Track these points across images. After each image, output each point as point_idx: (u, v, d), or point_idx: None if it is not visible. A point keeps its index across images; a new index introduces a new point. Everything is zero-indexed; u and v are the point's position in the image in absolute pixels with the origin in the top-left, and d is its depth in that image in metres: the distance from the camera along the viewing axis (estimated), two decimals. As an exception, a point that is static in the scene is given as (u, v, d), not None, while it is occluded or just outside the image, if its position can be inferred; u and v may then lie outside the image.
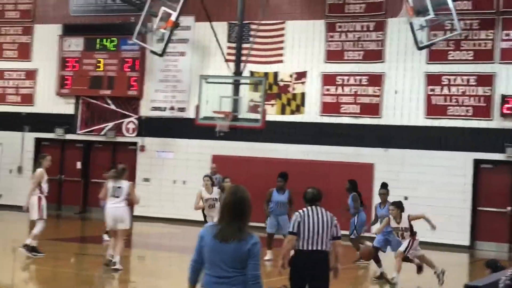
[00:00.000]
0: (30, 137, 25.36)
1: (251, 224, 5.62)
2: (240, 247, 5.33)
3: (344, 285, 12.24)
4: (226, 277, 5.33)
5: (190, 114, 22.81)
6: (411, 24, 19.03)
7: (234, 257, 5.33)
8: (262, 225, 15.49)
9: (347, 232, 15.23)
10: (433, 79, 20.91)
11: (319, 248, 8.19)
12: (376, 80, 21.47)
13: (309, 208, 8.35)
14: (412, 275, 13.30)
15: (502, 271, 8.50)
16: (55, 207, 24.83)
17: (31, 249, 14.14)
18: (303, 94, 22.22)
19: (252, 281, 5.35)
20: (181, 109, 23.56)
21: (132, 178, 22.88)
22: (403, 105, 21.22)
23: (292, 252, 8.46)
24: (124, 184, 13.21)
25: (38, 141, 25.44)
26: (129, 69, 24.20)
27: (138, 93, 24.07)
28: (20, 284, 12.45)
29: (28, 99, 25.59)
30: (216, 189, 15.37)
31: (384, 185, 15.81)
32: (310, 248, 8.16)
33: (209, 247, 5.38)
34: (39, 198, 14.42)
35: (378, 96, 21.42)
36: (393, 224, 12.98)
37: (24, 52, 25.81)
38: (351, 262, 15.28)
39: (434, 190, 20.55)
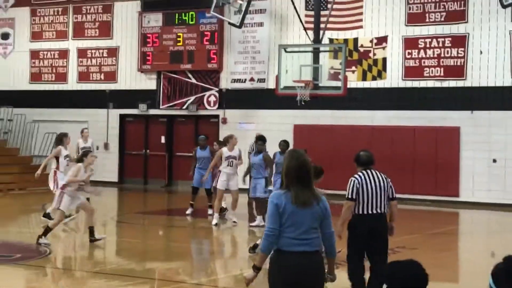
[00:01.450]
0: (114, 114, 25.83)
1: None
2: (317, 208, 5.55)
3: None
4: (307, 239, 5.52)
5: (270, 84, 22.76)
6: (495, -19, 18.40)
7: (314, 219, 5.54)
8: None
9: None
10: (519, 38, 20.21)
11: (379, 211, 8.13)
12: (459, 41, 20.87)
13: (365, 172, 8.22)
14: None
15: None
16: (141, 181, 25.36)
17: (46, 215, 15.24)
18: (384, 59, 21.82)
19: (331, 238, 5.68)
20: (261, 80, 23.52)
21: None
22: (489, 66, 20.59)
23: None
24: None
25: (122, 117, 25.90)
26: (208, 42, 24.27)
27: (218, 66, 24.14)
28: (112, 256, 12.72)
29: (111, 76, 26.03)
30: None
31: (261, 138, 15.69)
32: (370, 211, 8.09)
33: (290, 212, 5.48)
34: (55, 172, 15.39)
35: (462, 57, 20.84)
36: None
37: (105, 30, 26.21)
38: None
39: (524, 152, 19.96)
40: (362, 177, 8.16)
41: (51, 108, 26.48)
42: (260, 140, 15.95)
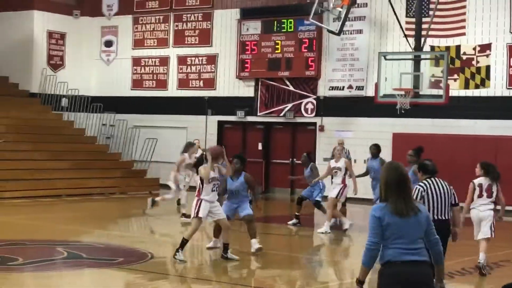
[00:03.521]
0: (213, 120, 26.13)
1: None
2: (419, 218, 5.54)
3: None
4: (415, 249, 5.51)
5: (368, 92, 22.51)
6: None
7: (418, 228, 5.54)
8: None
9: None
10: None
11: (443, 217, 8.63)
12: None
13: (430, 180, 8.73)
14: None
15: None
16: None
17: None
18: (488, 67, 21.24)
19: (437, 245, 5.69)
20: (360, 88, 23.29)
21: (312, 158, 22.99)
22: None
23: None
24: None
25: (220, 124, 26.15)
26: (306, 50, 24.23)
27: (316, 73, 24.06)
28: (212, 262, 12.78)
29: (210, 83, 26.35)
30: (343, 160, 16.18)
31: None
32: (436, 217, 8.40)
33: (394, 224, 5.48)
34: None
35: None
36: None
37: (205, 37, 26.55)
38: None
39: None
40: (429, 185, 8.67)
41: (152, 114, 27.03)
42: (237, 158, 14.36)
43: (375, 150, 16.38)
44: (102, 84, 28.40)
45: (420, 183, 8.74)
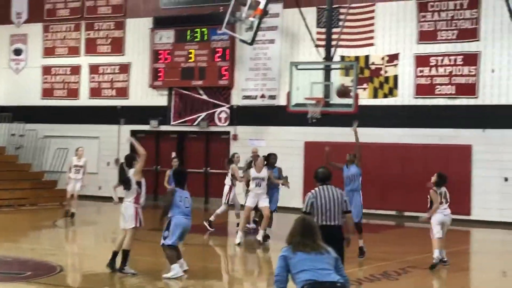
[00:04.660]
0: (125, 130, 25.87)
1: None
2: (325, 255, 6.02)
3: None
4: (327, 269, 5.90)
5: (281, 101, 22.78)
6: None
7: (326, 261, 5.99)
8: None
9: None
10: (532, 56, 20.16)
11: (333, 222, 8.85)
12: (471, 59, 20.84)
13: (321, 187, 9.00)
14: None
15: None
16: (151, 197, 25.32)
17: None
18: (395, 77, 21.82)
19: (347, 283, 6.08)
20: (272, 97, 23.54)
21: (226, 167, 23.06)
22: (501, 84, 20.56)
23: None
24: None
25: (133, 133, 25.90)
26: (219, 59, 24.34)
27: (229, 83, 24.19)
28: (121, 274, 12.65)
29: (122, 92, 26.11)
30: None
31: None
32: (325, 223, 8.71)
33: (300, 256, 5.94)
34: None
35: (474, 75, 20.80)
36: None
37: (117, 46, 26.32)
38: None
39: (536, 171, 19.85)
40: (318, 192, 8.94)
41: (63, 123, 26.58)
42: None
43: (274, 160, 16.43)
44: (11, 93, 27.77)
45: (312, 190, 9.06)
